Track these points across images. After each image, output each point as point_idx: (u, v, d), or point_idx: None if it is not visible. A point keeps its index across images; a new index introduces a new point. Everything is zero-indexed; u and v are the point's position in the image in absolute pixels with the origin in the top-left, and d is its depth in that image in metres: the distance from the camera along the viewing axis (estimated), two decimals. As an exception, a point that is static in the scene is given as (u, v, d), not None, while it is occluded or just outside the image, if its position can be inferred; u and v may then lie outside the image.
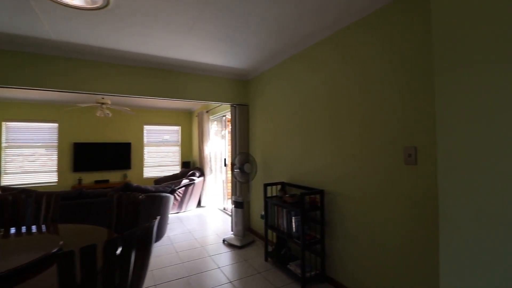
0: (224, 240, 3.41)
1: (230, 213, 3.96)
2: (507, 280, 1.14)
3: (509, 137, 1.20)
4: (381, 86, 1.91)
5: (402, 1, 1.78)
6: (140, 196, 1.84)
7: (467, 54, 1.32)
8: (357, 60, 2.09)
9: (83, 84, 2.89)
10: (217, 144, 5.53)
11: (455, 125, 1.45)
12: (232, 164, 3.44)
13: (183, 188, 4.81)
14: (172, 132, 6.94)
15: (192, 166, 6.76)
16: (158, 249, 3.19)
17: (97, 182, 5.93)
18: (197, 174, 5.21)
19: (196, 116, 6.19)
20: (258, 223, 3.60)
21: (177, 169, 6.86)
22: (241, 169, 3.27)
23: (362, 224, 2.04)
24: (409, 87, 1.74)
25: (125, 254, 1.10)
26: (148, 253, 1.26)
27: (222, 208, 5.19)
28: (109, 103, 4.74)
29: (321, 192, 2.37)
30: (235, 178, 3.36)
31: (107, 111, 4.72)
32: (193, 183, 4.94)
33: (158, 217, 1.29)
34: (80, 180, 5.79)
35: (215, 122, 5.55)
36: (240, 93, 3.89)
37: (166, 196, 3.38)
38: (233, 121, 3.84)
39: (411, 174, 1.74)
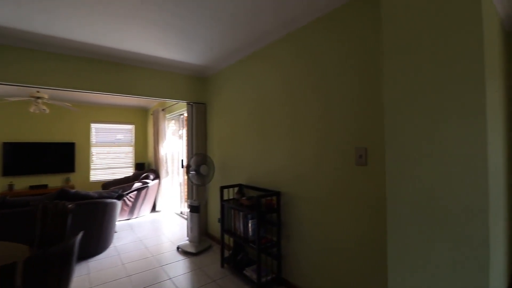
0: (178, 248, 3.19)
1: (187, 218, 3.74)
2: (443, 273, 1.17)
3: (452, 139, 1.24)
4: (336, 87, 1.91)
5: (358, 1, 1.80)
6: (70, 206, 1.58)
7: (415, 60, 1.35)
8: (313, 60, 2.08)
9: (8, 75, 2.45)
10: (174, 144, 5.23)
11: (403, 126, 1.47)
12: (188, 166, 3.24)
13: (135, 192, 4.43)
14: (124, 131, 6.40)
15: (146, 168, 6.31)
16: (101, 262, 2.85)
17: (32, 187, 5.19)
18: (152, 176, 4.85)
19: (152, 114, 5.79)
20: (216, 227, 3.45)
21: (130, 171, 6.35)
22: (197, 171, 3.09)
23: (317, 225, 2.03)
24: (361, 89, 1.76)
25: (37, 277, 0.89)
26: (68, 273, 1.04)
27: (179, 212, 4.90)
28: (46, 97, 4.16)
29: (277, 194, 2.32)
30: (191, 181, 3.16)
31: (43, 107, 4.14)
32: (147, 186, 4.59)
33: (82, 233, 1.08)
34: (11, 186, 5.01)
35: (172, 121, 5.24)
36: (198, 90, 3.69)
37: (112, 203, 3.05)
38: (190, 120, 3.63)
39: (362, 174, 1.76)
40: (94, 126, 5.96)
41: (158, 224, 4.32)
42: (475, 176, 1.33)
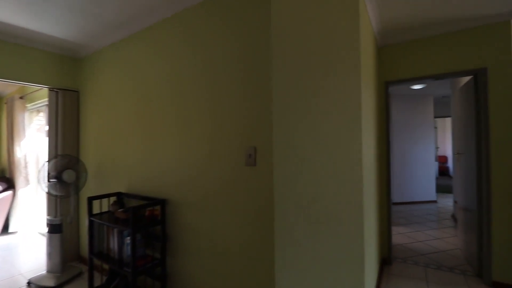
0: (29, 283, 2.35)
1: (49, 240, 2.85)
2: (328, 271, 1.07)
3: (333, 140, 1.17)
4: (228, 81, 1.69)
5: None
6: None
7: (301, 65, 1.25)
8: (203, 50, 1.81)
9: None
10: (39, 144, 4.02)
11: (289, 127, 1.38)
12: (48, 172, 2.44)
13: (-34, 210, 3.13)
14: (-41, 126, 4.56)
15: (-1, 176, 4.69)
16: None
17: None
18: (0, 187, 3.57)
19: (5, 103, 4.31)
20: (91, 248, 2.74)
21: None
22: (59, 178, 2.35)
23: (205, 234, 1.77)
24: (251, 84, 1.60)
25: None
26: None
27: (44, 232, 3.79)
28: None
29: (163, 202, 1.94)
30: (49, 192, 2.39)
31: None
32: (-11, 201, 3.33)
33: None
34: None
35: (37, 113, 4.02)
36: (68, 74, 2.88)
37: None
38: (53, 111, 2.78)
39: (251, 175, 1.60)
40: None
41: (11, 250, 3.19)
42: (352, 175, 1.31)
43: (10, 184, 3.78)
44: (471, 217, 2.68)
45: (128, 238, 1.89)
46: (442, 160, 10.42)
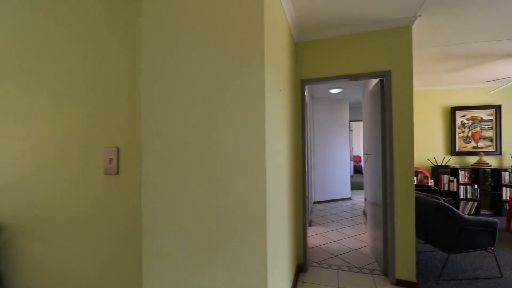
0: None
1: None
2: None
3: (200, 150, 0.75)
4: (89, 63, 1.15)
5: None
6: None
7: (180, 40, 0.79)
8: (62, 16, 1.22)
9: None
10: None
11: (161, 130, 0.92)
12: None
13: None
14: None
15: None
16: None
17: None
18: None
19: None
20: None
21: None
22: None
23: (54, 273, 1.19)
24: (122, 72, 1.10)
25: None
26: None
27: None
28: None
29: (-24, 234, 1.26)
30: None
31: None
32: None
33: None
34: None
35: None
36: None
37: None
38: None
39: (112, 185, 1.11)
40: None
41: None
42: (255, 184, 0.94)
43: None
44: (377, 213, 2.76)
45: None
46: (356, 159, 11.67)
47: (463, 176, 4.73)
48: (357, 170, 11.59)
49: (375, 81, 3.88)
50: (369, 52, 2.56)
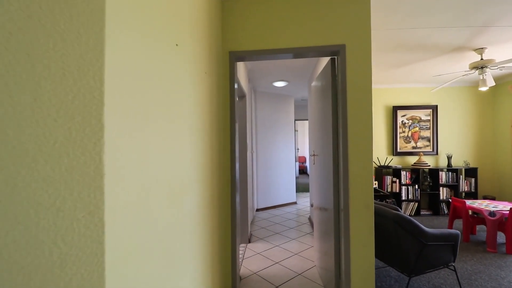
0: None
1: None
2: None
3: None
4: None
5: None
6: None
7: None
8: None
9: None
10: None
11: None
12: None
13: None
14: None
15: None
16: None
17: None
18: None
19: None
20: None
21: None
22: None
23: None
24: None
25: None
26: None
27: None
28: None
29: None
30: None
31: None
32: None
33: None
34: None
35: None
36: None
37: None
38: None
39: None
40: None
41: None
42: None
43: None
44: (327, 221, 2.17)
45: None
46: (301, 160, 11.55)
47: (404, 176, 4.63)
48: (302, 171, 11.48)
49: (323, 66, 3.37)
50: (319, 19, 1.93)
